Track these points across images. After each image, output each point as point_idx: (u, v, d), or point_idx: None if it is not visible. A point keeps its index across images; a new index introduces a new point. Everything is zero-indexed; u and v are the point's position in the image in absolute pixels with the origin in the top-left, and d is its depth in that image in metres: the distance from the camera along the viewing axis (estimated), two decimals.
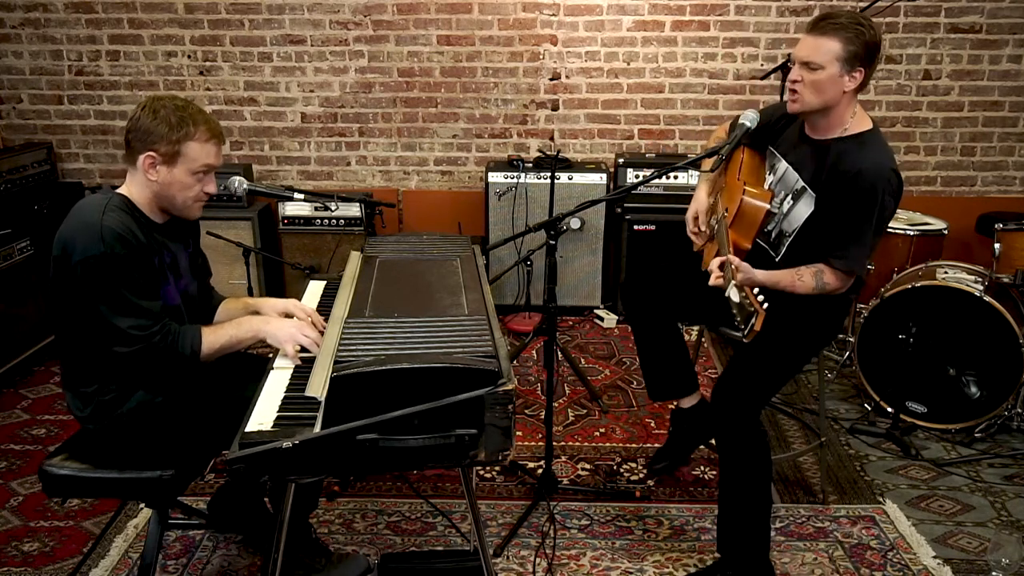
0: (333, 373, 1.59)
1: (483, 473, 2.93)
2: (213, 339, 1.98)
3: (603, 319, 4.40)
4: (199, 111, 1.97)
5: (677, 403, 2.70)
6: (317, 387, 1.68)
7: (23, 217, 3.88)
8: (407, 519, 2.69)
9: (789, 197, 2.31)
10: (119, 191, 1.99)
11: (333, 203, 2.99)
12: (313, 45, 4.47)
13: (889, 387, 3.33)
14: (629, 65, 4.49)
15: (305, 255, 4.33)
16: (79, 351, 1.98)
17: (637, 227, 4.30)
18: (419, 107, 4.57)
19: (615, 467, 3.02)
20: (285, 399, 1.76)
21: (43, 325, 3.83)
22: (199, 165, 1.96)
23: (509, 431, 1.62)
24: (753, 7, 4.36)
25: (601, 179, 4.29)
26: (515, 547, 2.53)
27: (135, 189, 1.99)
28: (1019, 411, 3.21)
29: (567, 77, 4.52)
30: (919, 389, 3.27)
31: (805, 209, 2.26)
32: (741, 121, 2.32)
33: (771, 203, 2.30)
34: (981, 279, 3.24)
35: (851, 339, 3.59)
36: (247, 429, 1.63)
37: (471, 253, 2.38)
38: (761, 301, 1.87)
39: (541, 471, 2.78)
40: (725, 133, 2.60)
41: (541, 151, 4.44)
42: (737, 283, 1.91)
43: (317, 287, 2.48)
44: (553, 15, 4.41)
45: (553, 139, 4.63)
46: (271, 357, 2.00)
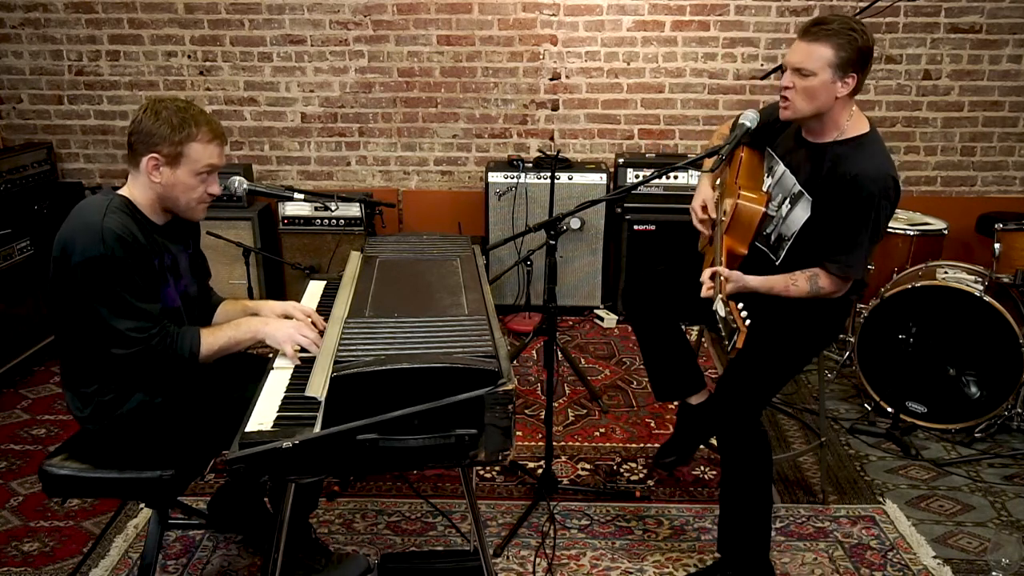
0: (333, 373, 1.59)
1: (483, 473, 2.93)
2: (212, 341, 1.97)
3: (603, 319, 4.40)
4: (201, 112, 1.97)
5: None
6: (317, 387, 1.68)
7: (23, 217, 3.88)
8: (407, 519, 2.69)
9: (787, 201, 2.31)
10: (120, 192, 1.99)
11: (333, 203, 2.99)
12: (313, 45, 4.47)
13: (889, 387, 3.33)
14: (629, 65, 4.49)
15: (305, 255, 4.33)
16: (78, 352, 1.98)
17: (637, 227, 4.30)
18: (419, 107, 4.57)
19: (615, 467, 3.02)
20: (285, 399, 1.76)
21: (43, 325, 3.83)
22: (202, 166, 1.96)
23: (509, 431, 1.62)
24: (753, 7, 4.36)
25: (601, 179, 4.29)
26: (515, 547, 2.53)
27: (137, 191, 1.99)
28: (1019, 411, 3.21)
29: (567, 77, 4.52)
30: (919, 389, 3.27)
31: (802, 213, 2.26)
32: (741, 121, 2.32)
33: (768, 206, 2.30)
34: (981, 279, 3.24)
35: (851, 339, 3.59)
36: (247, 429, 1.63)
37: (471, 253, 2.38)
38: (744, 318, 1.85)
39: (541, 471, 2.78)
40: (728, 130, 2.60)
41: (541, 151, 4.44)
42: (724, 296, 1.90)
43: (317, 287, 2.48)
44: (553, 15, 4.41)
45: (553, 139, 4.63)
46: (271, 357, 2.00)
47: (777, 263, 2.34)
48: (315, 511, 2.61)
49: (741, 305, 1.89)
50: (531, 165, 4.35)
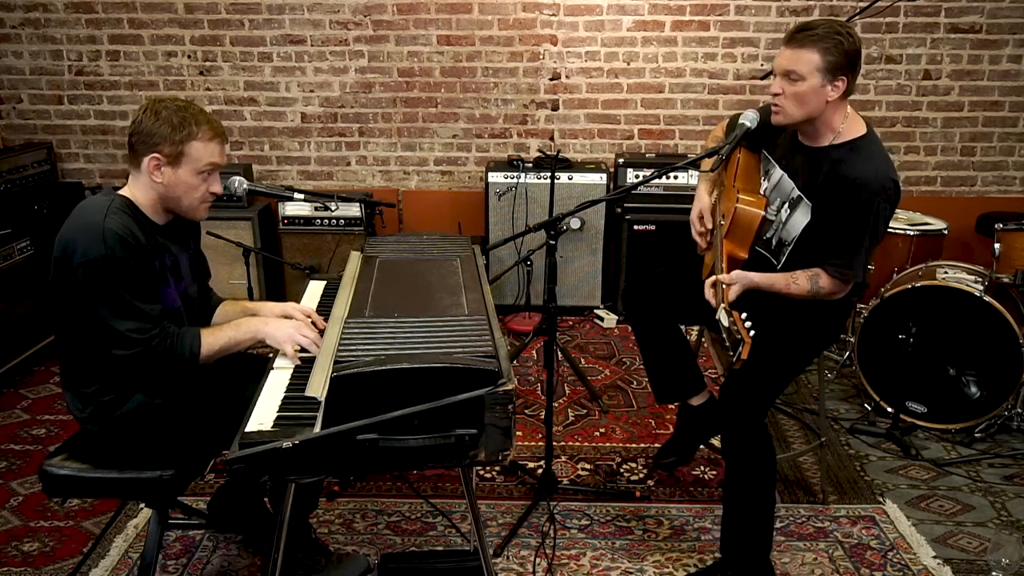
0: (333, 373, 1.59)
1: (483, 473, 2.93)
2: (212, 341, 1.97)
3: (603, 319, 4.40)
4: (200, 111, 1.98)
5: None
6: (317, 387, 1.68)
7: (23, 217, 3.88)
8: (407, 519, 2.69)
9: (786, 205, 2.30)
10: (121, 193, 1.99)
11: (333, 203, 2.99)
12: (313, 45, 4.47)
13: (889, 387, 3.33)
14: (629, 65, 4.49)
15: (305, 255, 4.33)
16: (78, 352, 1.98)
17: (637, 227, 4.30)
18: (419, 107, 4.57)
19: (615, 467, 3.02)
20: (285, 399, 1.76)
21: (43, 325, 3.83)
22: (204, 164, 1.97)
23: (509, 431, 1.62)
24: (753, 7, 4.36)
25: (601, 179, 4.29)
26: (515, 547, 2.53)
27: (138, 191, 1.99)
28: (1019, 411, 3.21)
29: (567, 77, 4.52)
30: (919, 389, 3.27)
31: (802, 218, 2.25)
32: (741, 121, 2.30)
33: (766, 210, 2.29)
34: (981, 279, 3.24)
35: (851, 339, 3.59)
36: (247, 429, 1.63)
37: (471, 253, 2.38)
38: (748, 328, 1.83)
39: (541, 471, 2.78)
40: (723, 132, 2.59)
41: (541, 151, 4.44)
42: (727, 306, 1.89)
43: (317, 287, 2.48)
44: (553, 15, 4.41)
45: (553, 139, 4.63)
46: (271, 357, 2.00)
47: (778, 267, 2.34)
48: (315, 511, 2.61)
49: (745, 316, 1.87)
50: (531, 165, 4.35)
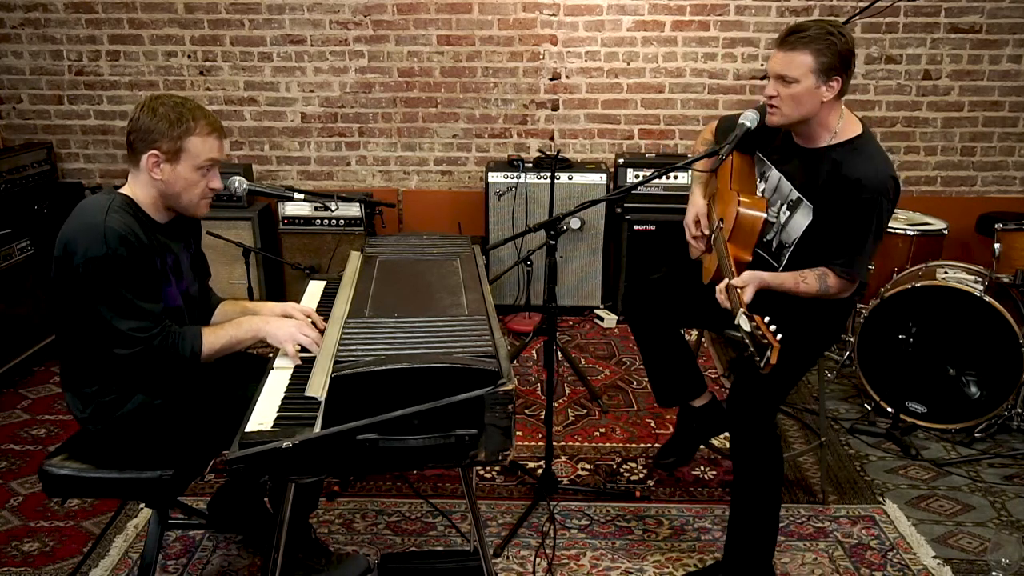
0: (333, 373, 1.59)
1: (483, 473, 2.93)
2: (213, 340, 1.97)
3: (603, 319, 4.40)
4: (198, 106, 1.97)
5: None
6: (317, 387, 1.68)
7: (23, 217, 3.88)
8: (407, 519, 2.69)
9: (785, 207, 2.30)
10: (122, 191, 1.99)
11: (333, 203, 2.99)
12: (313, 45, 4.47)
13: (889, 387, 3.33)
14: (629, 65, 4.49)
15: (305, 255, 4.33)
16: (79, 352, 1.97)
17: (637, 227, 4.30)
18: (419, 107, 4.57)
19: (615, 467, 3.02)
20: (285, 399, 1.76)
21: (43, 325, 3.83)
22: (203, 160, 1.96)
23: (509, 431, 1.62)
24: (753, 7, 4.36)
25: (601, 179, 4.29)
26: (515, 547, 2.53)
27: (139, 189, 1.99)
28: (1019, 411, 3.21)
29: (567, 77, 4.52)
30: (919, 389, 3.27)
31: (803, 220, 2.25)
32: (741, 121, 2.30)
33: (767, 212, 2.29)
34: (981, 279, 3.24)
35: (851, 339, 3.59)
36: (247, 429, 1.63)
37: (471, 253, 2.38)
38: (774, 332, 1.81)
39: (541, 471, 2.78)
40: (712, 135, 2.59)
41: (541, 151, 4.44)
42: (745, 310, 1.87)
43: (317, 287, 2.48)
44: (553, 15, 4.41)
45: (553, 139, 4.63)
46: (271, 357, 2.00)
47: (780, 269, 2.34)
48: (315, 511, 2.61)
49: (768, 319, 1.85)
50: (531, 165, 4.35)
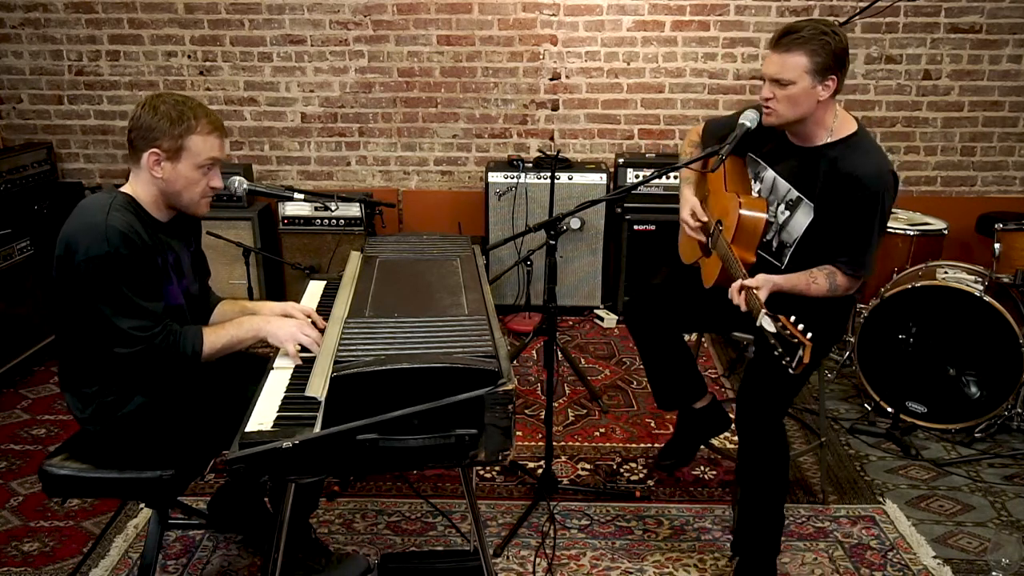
0: (333, 373, 1.59)
1: (483, 473, 2.93)
2: (214, 339, 1.97)
3: (603, 319, 4.40)
4: (199, 105, 1.97)
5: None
6: (317, 387, 1.68)
7: (23, 217, 3.88)
8: (407, 519, 2.69)
9: (784, 207, 2.30)
10: (123, 190, 1.98)
11: (333, 203, 2.99)
12: (313, 45, 4.47)
13: (889, 387, 3.33)
14: (629, 65, 4.49)
15: (305, 255, 4.33)
16: (79, 352, 1.97)
17: (637, 227, 4.30)
18: (419, 107, 4.57)
19: (615, 467, 3.01)
20: (285, 399, 1.76)
21: (43, 325, 3.83)
22: (204, 158, 1.96)
23: (509, 431, 1.62)
24: (753, 7, 4.36)
25: (601, 179, 4.29)
26: (515, 547, 2.53)
27: (140, 188, 1.98)
28: (1019, 411, 3.21)
29: (567, 77, 4.52)
30: (919, 389, 3.27)
31: (804, 219, 2.25)
32: (741, 121, 2.29)
33: (767, 212, 2.30)
34: (981, 279, 3.24)
35: (851, 339, 3.59)
36: (247, 429, 1.63)
37: (471, 253, 2.38)
38: (803, 330, 1.79)
39: (541, 471, 2.78)
40: (698, 137, 2.60)
41: (541, 151, 4.44)
42: (766, 310, 1.86)
43: (317, 287, 2.48)
44: (553, 15, 4.41)
45: (553, 139, 4.63)
46: (271, 357, 1.99)
47: (782, 269, 2.34)
48: (315, 511, 2.61)
49: (794, 318, 1.83)
50: (531, 165, 4.35)
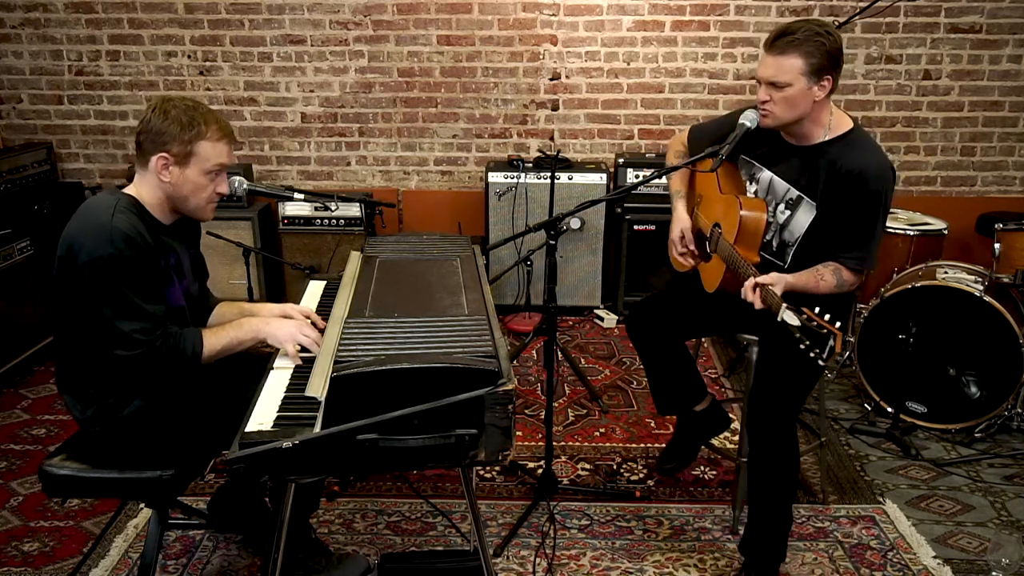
0: (333, 373, 1.59)
1: (483, 473, 2.93)
2: (214, 341, 1.97)
3: (603, 319, 4.40)
4: (209, 111, 1.97)
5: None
6: (317, 387, 1.68)
7: (23, 217, 3.88)
8: (407, 519, 2.69)
9: (784, 207, 2.31)
10: (127, 191, 1.98)
11: (333, 203, 3.00)
12: (313, 45, 4.47)
13: (889, 387, 3.33)
14: (629, 65, 4.49)
15: (305, 255, 4.33)
16: (79, 353, 1.97)
17: (637, 227, 4.31)
18: (419, 107, 4.57)
19: (615, 467, 3.01)
20: (285, 399, 1.76)
21: (43, 325, 3.83)
22: (212, 164, 1.96)
23: (509, 431, 1.62)
24: (753, 7, 4.36)
25: (601, 179, 4.29)
26: (515, 547, 2.53)
27: (145, 190, 1.98)
28: (1019, 411, 3.21)
29: (567, 77, 4.52)
30: (919, 389, 3.27)
31: (805, 217, 2.26)
32: (741, 121, 2.29)
33: (767, 213, 2.30)
34: (981, 279, 3.24)
35: (851, 339, 3.59)
36: (247, 429, 1.63)
37: (471, 253, 2.38)
38: (829, 320, 1.78)
39: (541, 471, 2.78)
40: (683, 145, 2.61)
41: (541, 151, 4.44)
42: (785, 304, 1.86)
43: (317, 287, 2.48)
44: (553, 15, 4.41)
45: (553, 139, 4.63)
46: (271, 357, 1.99)
47: (785, 268, 2.34)
48: (315, 511, 2.61)
49: (818, 309, 1.83)
50: (531, 165, 4.35)
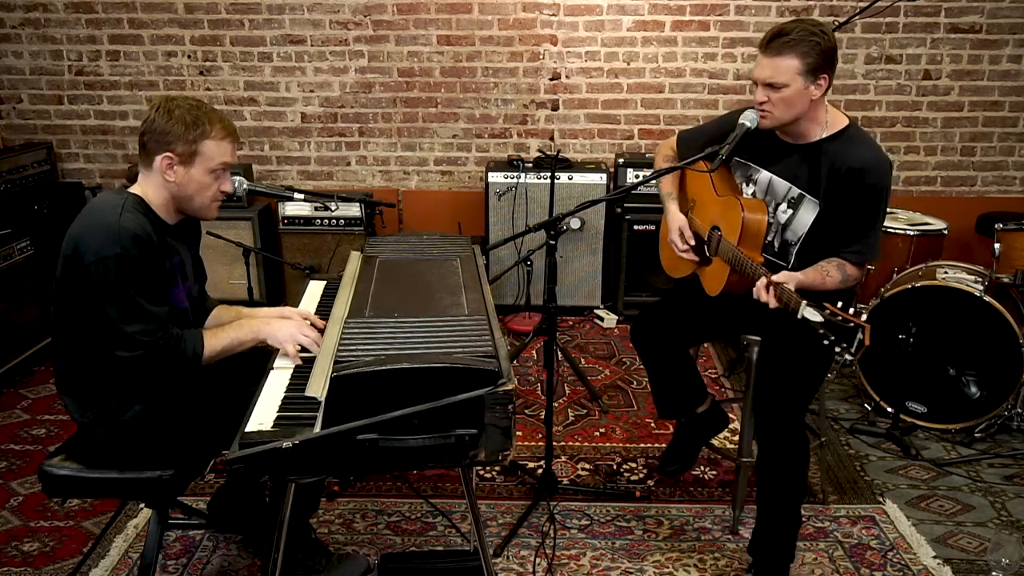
0: (333, 373, 1.59)
1: (483, 473, 2.93)
2: (215, 342, 1.97)
3: (603, 319, 4.40)
4: (213, 110, 1.98)
5: None
6: (317, 387, 1.68)
7: (23, 217, 3.88)
8: (407, 519, 2.69)
9: (785, 206, 2.31)
10: (132, 191, 1.98)
11: (333, 203, 3.00)
12: (313, 45, 4.47)
13: (889, 387, 3.33)
14: (629, 65, 4.49)
15: (305, 255, 4.33)
16: (79, 354, 1.96)
17: (637, 227, 4.31)
18: (419, 107, 4.57)
19: (615, 467, 3.01)
20: (285, 399, 1.76)
21: (43, 325, 3.83)
22: (216, 163, 1.97)
23: (509, 431, 1.62)
24: (753, 7, 4.36)
25: (601, 179, 4.29)
26: (515, 547, 2.53)
27: (150, 190, 1.98)
28: (1019, 411, 3.21)
29: (567, 77, 4.52)
30: (919, 389, 3.27)
31: (808, 215, 2.26)
32: (741, 121, 2.29)
33: (767, 213, 2.30)
34: (981, 279, 3.24)
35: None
36: (247, 429, 1.63)
37: (471, 253, 2.38)
38: (855, 313, 1.79)
39: (541, 471, 2.78)
40: (671, 150, 2.61)
41: (541, 151, 4.44)
42: (802, 300, 1.86)
43: (317, 287, 2.48)
44: (553, 15, 4.41)
45: (553, 139, 4.63)
46: (271, 356, 1.99)
47: (788, 267, 2.34)
48: (315, 511, 2.61)
49: (841, 304, 1.85)
50: (531, 165, 4.35)
